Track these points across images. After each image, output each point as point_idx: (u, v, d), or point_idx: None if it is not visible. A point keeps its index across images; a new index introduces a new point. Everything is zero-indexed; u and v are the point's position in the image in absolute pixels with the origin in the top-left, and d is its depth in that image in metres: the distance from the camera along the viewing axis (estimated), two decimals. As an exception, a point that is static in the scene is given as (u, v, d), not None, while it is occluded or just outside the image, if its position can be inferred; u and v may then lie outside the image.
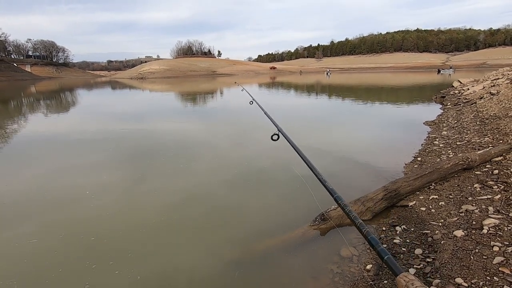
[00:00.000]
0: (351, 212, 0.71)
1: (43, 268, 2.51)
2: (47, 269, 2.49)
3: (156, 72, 71.58)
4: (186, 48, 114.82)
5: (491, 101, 7.46)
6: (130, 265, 2.49)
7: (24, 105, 18.21)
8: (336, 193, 0.88)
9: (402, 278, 0.48)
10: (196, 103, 16.35)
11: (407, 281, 0.47)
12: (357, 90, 22.58)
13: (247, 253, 2.67)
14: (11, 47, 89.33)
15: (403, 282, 0.47)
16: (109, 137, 7.57)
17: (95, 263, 2.52)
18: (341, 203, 0.81)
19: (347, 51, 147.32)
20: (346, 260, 2.43)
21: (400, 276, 0.49)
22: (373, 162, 4.83)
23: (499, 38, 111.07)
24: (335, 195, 0.87)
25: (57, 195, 3.98)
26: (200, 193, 3.97)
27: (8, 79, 62.01)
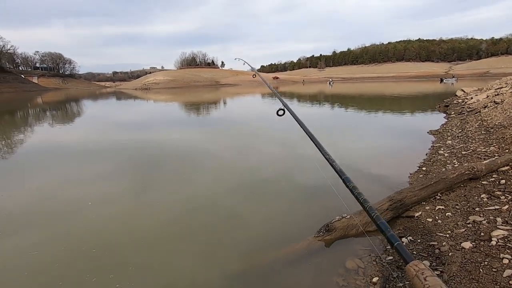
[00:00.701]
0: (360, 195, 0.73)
1: (44, 281, 2.49)
2: (47, 282, 2.47)
3: (160, 83, 72.45)
4: (190, 59, 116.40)
5: (496, 110, 7.42)
6: (131, 278, 2.46)
7: (30, 115, 18.46)
8: (345, 175, 0.84)
9: (412, 267, 0.45)
10: (199, 112, 16.46)
11: (417, 270, 0.44)
12: (360, 99, 22.61)
13: (251, 265, 2.63)
14: (19, 59, 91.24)
15: (413, 272, 0.44)
16: (113, 147, 7.62)
17: (95, 276, 2.49)
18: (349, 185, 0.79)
19: (349, 61, 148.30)
20: (352, 273, 2.38)
21: (410, 265, 0.46)
22: (378, 171, 4.79)
23: (501, 47, 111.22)
24: (344, 177, 0.83)
25: (59, 205, 3.98)
26: (202, 204, 3.95)
27: (15, 90, 63.12)
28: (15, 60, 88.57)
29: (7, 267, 2.71)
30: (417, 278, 0.43)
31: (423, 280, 0.42)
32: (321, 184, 4.46)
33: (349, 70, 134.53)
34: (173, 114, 16.96)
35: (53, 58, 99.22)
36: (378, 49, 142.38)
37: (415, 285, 0.43)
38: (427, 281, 0.41)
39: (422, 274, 0.43)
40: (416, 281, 0.43)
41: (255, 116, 14.13)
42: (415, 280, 0.43)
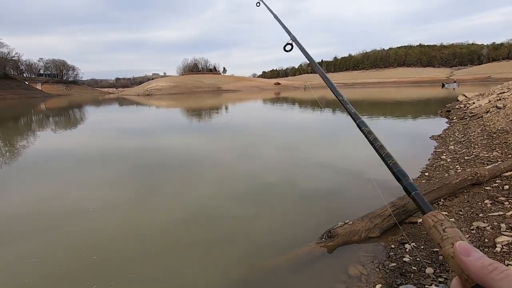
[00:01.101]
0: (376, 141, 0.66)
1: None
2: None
3: (162, 89, 72.95)
4: (192, 65, 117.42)
5: (498, 115, 7.40)
6: (131, 286, 2.44)
7: (34, 121, 18.60)
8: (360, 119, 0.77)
9: (430, 217, 0.41)
10: (201, 118, 16.53)
11: (435, 221, 0.40)
12: (362, 104, 22.62)
13: (253, 271, 2.61)
14: (24, 66, 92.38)
15: (431, 222, 0.41)
16: (114, 153, 7.65)
17: (95, 283, 2.47)
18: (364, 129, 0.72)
19: (350, 67, 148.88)
20: (355, 280, 2.36)
21: (428, 215, 0.42)
22: (380, 177, 4.77)
23: (503, 52, 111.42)
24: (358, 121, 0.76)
25: (60, 211, 3.98)
26: (204, 210, 3.94)
27: (19, 97, 63.74)
28: (19, 67, 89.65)
29: (7, 274, 2.69)
30: (434, 229, 0.39)
31: (441, 231, 0.38)
32: (323, 189, 4.45)
33: (350, 75, 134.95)
34: (175, 120, 17.03)
35: (56, 65, 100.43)
36: (379, 54, 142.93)
37: (432, 236, 0.40)
38: (446, 232, 0.38)
39: (440, 225, 0.39)
40: (434, 231, 0.39)
41: (257, 121, 14.16)
42: (433, 230, 0.40)
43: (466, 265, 0.31)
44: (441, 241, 0.38)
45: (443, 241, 0.37)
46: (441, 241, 0.38)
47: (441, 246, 0.38)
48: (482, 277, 0.28)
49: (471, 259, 0.30)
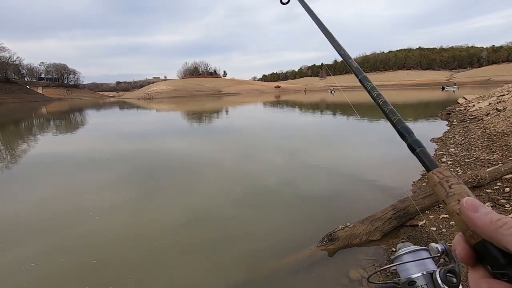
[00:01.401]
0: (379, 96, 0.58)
1: (46, 291, 2.47)
2: (49, 292, 2.45)
3: (163, 92, 73.11)
4: (193, 68, 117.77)
5: (498, 117, 7.40)
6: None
7: (34, 125, 18.64)
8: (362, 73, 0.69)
9: (435, 173, 0.39)
10: (201, 121, 16.55)
11: (441, 177, 0.38)
12: (362, 107, 22.64)
13: (254, 275, 2.60)
14: (25, 70, 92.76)
15: (436, 179, 0.38)
16: (114, 157, 7.65)
17: (95, 287, 2.46)
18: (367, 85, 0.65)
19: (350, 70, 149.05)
20: (356, 283, 2.35)
21: (433, 172, 0.40)
22: (380, 180, 4.77)
23: (502, 55, 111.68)
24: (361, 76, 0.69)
25: (60, 215, 3.98)
26: (205, 214, 3.93)
27: (20, 100, 63.94)
28: (21, 71, 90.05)
29: (6, 278, 2.69)
30: (440, 186, 0.37)
31: (447, 187, 0.36)
32: (323, 192, 4.44)
33: (351, 78, 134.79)
34: (175, 123, 17.05)
35: (57, 69, 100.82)
36: (379, 57, 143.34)
37: (437, 193, 0.37)
38: (452, 188, 0.36)
39: (447, 182, 0.37)
40: (439, 188, 0.37)
41: (257, 124, 14.17)
42: (438, 187, 0.37)
43: (473, 220, 0.29)
44: (446, 197, 0.35)
45: (448, 198, 0.35)
46: (446, 197, 0.35)
47: (446, 203, 0.35)
48: (490, 232, 0.28)
49: (478, 214, 0.29)
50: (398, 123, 0.55)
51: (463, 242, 0.31)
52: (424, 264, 0.45)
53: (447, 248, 0.43)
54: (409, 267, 0.46)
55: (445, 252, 0.43)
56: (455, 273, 0.42)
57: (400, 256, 0.48)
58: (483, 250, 0.29)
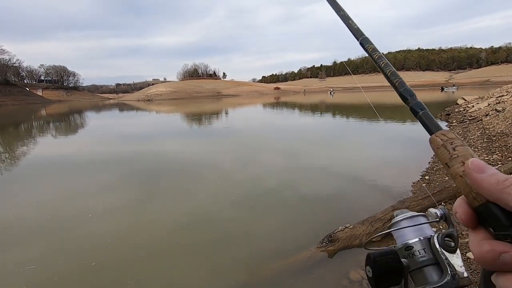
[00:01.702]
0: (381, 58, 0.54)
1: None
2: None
3: (162, 94, 73.18)
4: (192, 70, 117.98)
5: (497, 118, 7.41)
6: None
7: (34, 127, 18.63)
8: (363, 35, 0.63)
9: (439, 136, 0.37)
10: (201, 123, 16.55)
11: (445, 139, 0.36)
12: (361, 108, 22.68)
13: (254, 277, 2.59)
14: (25, 72, 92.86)
15: (440, 141, 0.36)
16: (114, 159, 7.65)
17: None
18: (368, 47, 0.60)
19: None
20: (356, 284, 2.34)
21: (436, 134, 0.38)
22: (380, 181, 4.77)
23: (501, 56, 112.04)
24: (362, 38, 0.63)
25: (59, 217, 3.97)
26: (205, 215, 3.92)
27: (20, 103, 63.97)
28: (20, 73, 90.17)
29: (4, 281, 2.67)
30: (443, 148, 0.35)
31: (451, 149, 0.34)
32: (323, 193, 4.44)
33: (350, 79, 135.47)
34: (175, 125, 17.06)
35: (57, 71, 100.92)
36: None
37: (440, 156, 0.35)
38: (456, 150, 0.34)
39: (451, 144, 0.35)
40: (442, 151, 0.35)
41: (257, 125, 14.18)
42: (441, 150, 0.35)
43: (478, 182, 0.29)
44: (450, 160, 0.34)
45: (452, 160, 0.33)
46: (449, 160, 0.34)
47: (449, 166, 0.33)
48: (496, 192, 0.27)
49: (484, 175, 0.29)
50: (400, 86, 0.52)
51: (465, 204, 0.31)
52: (421, 229, 0.45)
53: (446, 213, 0.42)
54: (406, 233, 0.45)
55: (444, 217, 0.42)
56: (453, 237, 0.41)
57: (397, 222, 0.47)
58: (486, 212, 0.28)
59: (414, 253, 0.43)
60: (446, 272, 0.39)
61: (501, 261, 0.26)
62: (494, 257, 0.26)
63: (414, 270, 0.42)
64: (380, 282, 0.40)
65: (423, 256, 0.42)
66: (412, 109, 0.47)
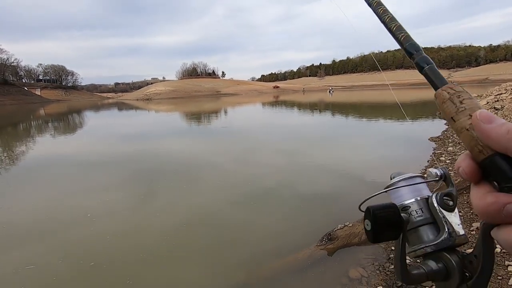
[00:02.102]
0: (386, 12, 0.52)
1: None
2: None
3: (161, 93, 73.04)
4: (191, 69, 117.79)
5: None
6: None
7: (33, 127, 18.59)
8: None
9: (446, 89, 0.35)
10: (200, 122, 16.54)
11: (452, 93, 0.34)
12: (360, 107, 22.71)
13: (253, 276, 2.60)
14: (23, 71, 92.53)
15: (446, 95, 0.35)
16: (112, 159, 7.64)
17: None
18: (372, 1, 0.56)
19: (348, 69, 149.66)
20: (355, 282, 2.35)
21: (443, 88, 0.36)
22: (380, 179, 4.77)
23: (500, 54, 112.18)
24: None
25: (58, 218, 3.96)
26: (204, 215, 3.93)
27: (18, 102, 63.79)
28: (19, 73, 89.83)
29: (2, 282, 2.66)
30: (450, 102, 0.34)
31: (458, 103, 0.33)
32: (323, 192, 4.45)
33: (349, 78, 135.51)
34: (174, 124, 17.05)
35: (56, 70, 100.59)
36: (377, 57, 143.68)
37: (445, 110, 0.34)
38: (464, 103, 0.33)
39: (458, 97, 0.33)
40: (448, 104, 0.34)
41: (256, 125, 14.18)
42: (447, 104, 0.34)
43: (487, 132, 0.28)
44: (456, 114, 0.32)
45: (458, 114, 0.32)
46: (456, 114, 0.32)
47: (454, 120, 0.32)
48: (506, 142, 0.26)
49: (493, 126, 0.28)
50: (406, 40, 0.49)
51: (469, 159, 0.30)
52: (418, 189, 0.44)
53: (446, 172, 0.41)
54: (403, 193, 0.45)
55: (443, 177, 0.41)
56: (452, 196, 0.40)
57: (394, 183, 0.46)
58: (492, 165, 0.28)
59: (411, 213, 0.42)
60: (443, 230, 0.38)
61: (506, 212, 0.25)
62: (498, 208, 0.25)
63: (409, 230, 0.41)
64: (379, 235, 0.39)
65: (420, 216, 0.41)
66: (417, 64, 0.45)
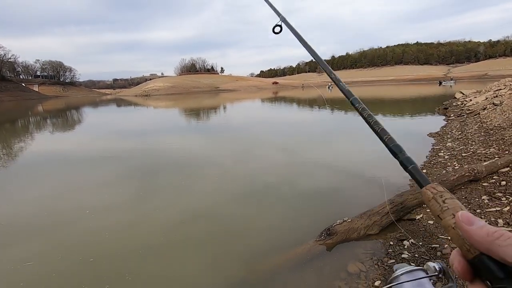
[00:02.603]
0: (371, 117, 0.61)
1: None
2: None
3: (160, 89, 72.74)
4: (190, 65, 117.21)
5: (495, 111, 7.44)
6: (129, 287, 2.43)
7: (31, 123, 18.52)
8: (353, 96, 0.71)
9: (429, 189, 0.40)
10: (199, 119, 16.51)
11: (434, 193, 0.39)
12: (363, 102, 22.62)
13: (253, 272, 2.62)
14: (20, 67, 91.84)
15: (430, 194, 0.39)
16: (111, 155, 7.63)
17: (91, 285, 2.45)
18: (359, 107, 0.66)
19: (348, 65, 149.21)
20: (354, 277, 2.37)
21: (427, 187, 0.41)
22: (378, 175, 4.79)
23: (499, 50, 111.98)
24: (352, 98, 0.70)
25: (57, 215, 3.95)
26: (203, 211, 3.94)
27: (16, 98, 63.47)
28: (16, 69, 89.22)
29: (2, 279, 2.66)
30: (434, 201, 0.38)
31: (441, 202, 0.37)
32: (322, 187, 4.46)
33: (348, 74, 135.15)
34: (173, 120, 17.01)
35: (53, 66, 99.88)
36: (377, 53, 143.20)
37: (431, 208, 0.38)
38: (446, 203, 0.36)
39: (440, 197, 0.38)
40: (433, 203, 0.38)
41: (255, 121, 14.17)
42: (432, 203, 0.38)
43: (469, 234, 0.29)
44: (441, 212, 0.36)
45: (443, 213, 0.36)
46: (441, 212, 0.36)
47: (441, 218, 0.36)
48: (487, 244, 0.27)
49: (474, 227, 0.29)
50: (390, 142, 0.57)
51: (459, 256, 0.31)
52: (421, 284, 0.45)
53: (444, 267, 0.43)
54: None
55: (442, 271, 0.43)
56: None
57: (397, 277, 0.48)
58: (481, 264, 0.29)
59: None
60: None
61: None
62: None
63: None
64: None
65: None
66: (402, 163, 0.52)
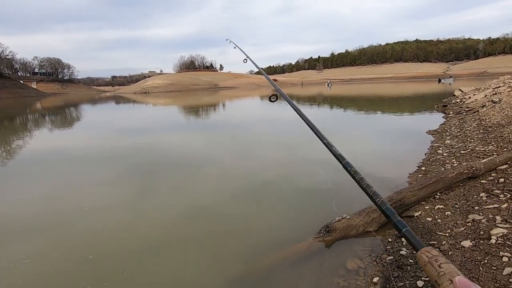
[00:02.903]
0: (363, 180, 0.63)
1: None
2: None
3: (159, 87, 72.49)
4: (189, 62, 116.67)
5: (494, 109, 7.45)
6: (126, 285, 2.44)
7: (29, 121, 18.46)
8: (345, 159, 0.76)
9: (424, 253, 0.42)
10: (198, 116, 16.48)
11: (430, 257, 0.40)
12: (359, 100, 22.68)
13: (251, 269, 2.63)
14: (18, 64, 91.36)
15: (425, 258, 0.41)
16: (110, 152, 7.62)
17: (90, 283, 2.45)
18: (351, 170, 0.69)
19: (347, 63, 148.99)
20: (352, 273, 2.39)
21: (421, 251, 0.43)
22: (377, 172, 4.80)
23: (499, 47, 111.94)
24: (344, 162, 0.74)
25: (55, 212, 3.95)
26: (202, 208, 3.94)
27: (14, 96, 63.19)
28: (14, 66, 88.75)
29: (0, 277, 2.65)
30: (430, 265, 0.39)
31: (437, 267, 0.38)
32: (320, 185, 4.47)
33: (348, 71, 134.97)
34: (172, 118, 16.99)
35: (52, 63, 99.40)
36: (376, 50, 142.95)
37: (428, 272, 0.40)
38: (442, 268, 0.38)
39: (436, 261, 0.39)
40: (430, 268, 0.39)
41: (254, 118, 14.17)
42: (428, 267, 0.40)
43: None
44: (438, 277, 0.37)
45: (440, 278, 0.37)
46: (438, 278, 0.37)
47: (438, 284, 0.37)
48: None
49: None
50: (382, 204, 0.58)
51: None
52: None
53: None
54: None
55: None
56: None
57: None
58: None
59: None
60: None
61: None
62: None
63: None
64: None
65: None
66: (395, 225, 0.53)
